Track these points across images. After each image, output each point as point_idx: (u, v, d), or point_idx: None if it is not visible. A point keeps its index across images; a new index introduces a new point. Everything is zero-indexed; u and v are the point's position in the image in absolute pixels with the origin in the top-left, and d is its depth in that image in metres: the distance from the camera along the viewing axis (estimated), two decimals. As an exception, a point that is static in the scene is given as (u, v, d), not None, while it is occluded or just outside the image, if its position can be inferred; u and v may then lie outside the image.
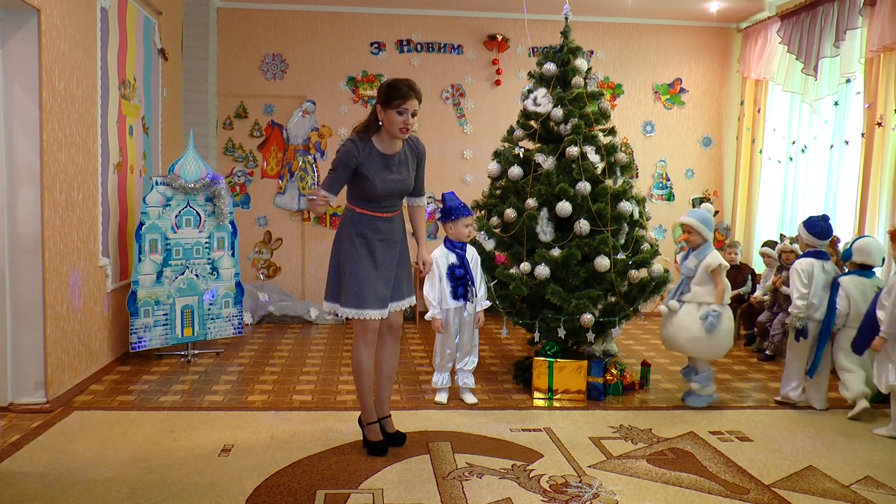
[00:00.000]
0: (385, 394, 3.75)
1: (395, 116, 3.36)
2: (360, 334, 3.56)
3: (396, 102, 3.35)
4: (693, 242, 4.53)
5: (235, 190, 7.45)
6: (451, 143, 7.68)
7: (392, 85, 3.38)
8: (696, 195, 8.02)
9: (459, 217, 4.36)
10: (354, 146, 3.41)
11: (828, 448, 3.79)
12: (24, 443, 3.65)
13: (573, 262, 4.54)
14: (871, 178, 5.61)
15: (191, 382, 4.92)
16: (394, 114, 3.36)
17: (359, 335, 3.57)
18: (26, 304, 4.16)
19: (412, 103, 3.37)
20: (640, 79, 7.88)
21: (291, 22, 7.48)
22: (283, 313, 7.15)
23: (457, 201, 4.42)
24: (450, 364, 4.54)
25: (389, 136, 3.45)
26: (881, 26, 5.40)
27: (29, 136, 4.10)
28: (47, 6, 4.12)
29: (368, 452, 3.58)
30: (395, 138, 3.46)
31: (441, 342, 4.51)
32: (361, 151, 3.40)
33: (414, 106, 3.38)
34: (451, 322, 4.46)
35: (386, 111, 3.38)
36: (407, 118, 3.37)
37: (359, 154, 3.40)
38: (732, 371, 5.49)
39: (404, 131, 3.40)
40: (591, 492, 3.19)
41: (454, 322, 4.47)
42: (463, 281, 4.39)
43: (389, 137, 3.45)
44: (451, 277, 4.39)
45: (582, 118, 4.81)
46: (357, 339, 3.58)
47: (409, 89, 3.36)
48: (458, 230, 4.38)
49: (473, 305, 4.44)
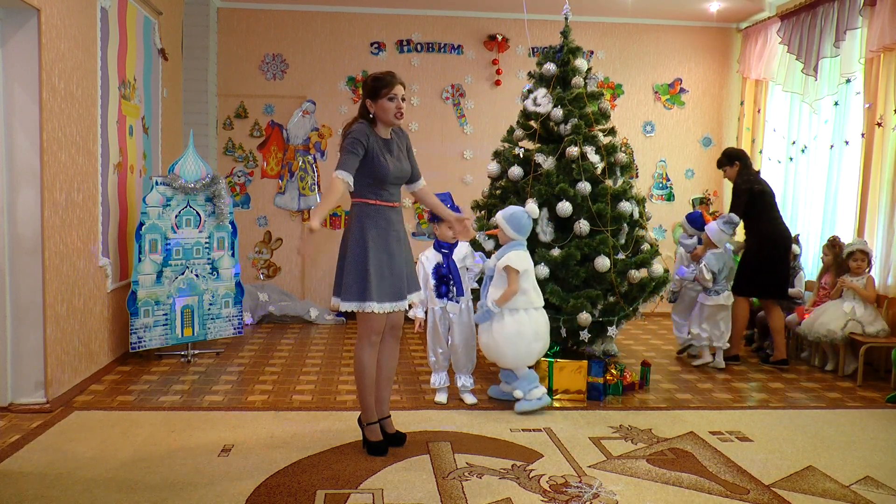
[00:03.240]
0: (385, 394, 3.75)
1: (387, 104, 3.51)
2: (365, 334, 3.56)
3: (385, 91, 3.50)
4: (501, 240, 4.38)
5: (235, 190, 7.45)
6: (451, 144, 7.68)
7: (376, 77, 3.55)
8: (696, 195, 8.02)
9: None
10: (365, 125, 3.52)
11: (828, 448, 3.79)
12: (24, 443, 3.65)
13: (572, 262, 4.54)
14: (871, 179, 5.62)
15: (191, 382, 4.92)
16: (385, 102, 3.51)
17: (363, 335, 3.56)
18: (26, 304, 4.16)
19: (399, 88, 3.53)
20: (640, 79, 7.88)
21: (291, 22, 7.49)
22: (283, 313, 7.15)
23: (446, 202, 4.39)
24: (446, 363, 4.54)
25: (384, 125, 3.58)
26: (881, 26, 5.40)
27: (29, 136, 4.10)
28: (47, 6, 4.12)
29: (368, 452, 3.58)
30: (391, 125, 3.59)
31: (433, 343, 4.51)
32: (370, 134, 3.51)
33: (401, 91, 3.54)
34: (439, 321, 4.47)
35: (377, 102, 3.52)
36: (398, 102, 3.52)
37: (370, 133, 3.50)
38: (732, 371, 5.48)
39: (399, 116, 3.55)
40: (591, 492, 3.19)
41: (442, 322, 4.47)
42: (446, 280, 4.40)
43: (384, 126, 3.58)
44: (436, 276, 4.40)
45: (582, 118, 4.82)
46: (361, 338, 3.58)
47: (393, 77, 3.54)
48: (442, 231, 4.36)
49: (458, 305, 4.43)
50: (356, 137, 3.45)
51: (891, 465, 3.58)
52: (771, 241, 5.54)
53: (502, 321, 4.26)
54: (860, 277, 5.27)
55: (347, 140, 3.46)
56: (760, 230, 5.55)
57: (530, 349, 4.28)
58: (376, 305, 3.46)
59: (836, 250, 5.56)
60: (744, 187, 5.51)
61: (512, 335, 4.23)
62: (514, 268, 4.18)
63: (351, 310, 3.49)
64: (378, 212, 3.53)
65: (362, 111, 3.57)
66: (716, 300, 5.43)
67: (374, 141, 3.50)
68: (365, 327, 3.54)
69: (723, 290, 5.45)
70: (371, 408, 3.64)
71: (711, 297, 5.44)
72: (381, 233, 3.50)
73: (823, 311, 5.38)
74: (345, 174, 3.38)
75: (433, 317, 4.48)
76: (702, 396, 4.77)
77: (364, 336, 3.56)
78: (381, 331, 3.59)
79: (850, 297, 5.29)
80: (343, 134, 3.55)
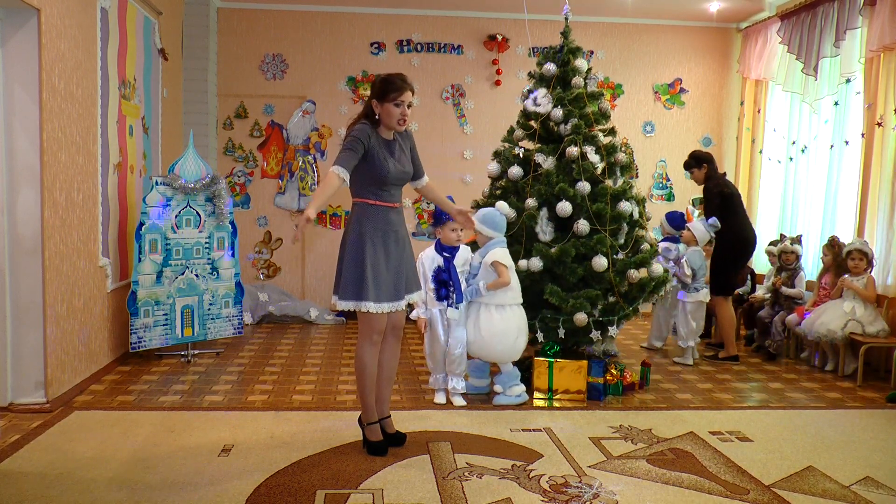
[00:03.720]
0: (385, 394, 3.75)
1: (392, 109, 3.48)
2: (367, 334, 3.56)
3: (393, 95, 3.47)
4: (480, 242, 4.54)
5: (235, 190, 7.45)
6: (451, 143, 7.68)
7: (387, 79, 3.51)
8: (696, 195, 8.02)
9: (447, 221, 4.33)
10: (367, 126, 3.50)
11: (828, 448, 3.79)
12: (24, 443, 3.65)
13: (568, 258, 4.54)
14: (871, 178, 5.62)
15: (191, 382, 4.92)
16: (391, 106, 3.48)
17: (364, 334, 3.56)
18: (26, 304, 4.16)
19: (407, 95, 3.50)
20: (640, 79, 7.88)
21: (291, 22, 7.49)
22: (283, 313, 7.15)
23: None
24: (443, 364, 4.53)
25: (386, 128, 3.56)
26: (881, 26, 5.40)
27: (29, 136, 4.10)
28: (47, 6, 4.12)
29: (368, 452, 3.58)
30: (393, 130, 3.57)
31: (431, 344, 4.52)
32: (372, 134, 3.50)
33: (409, 97, 3.51)
34: (440, 323, 4.48)
35: (383, 104, 3.49)
36: (403, 109, 3.50)
37: (371, 134, 3.48)
38: (732, 371, 5.49)
39: (402, 123, 3.52)
40: (591, 492, 3.19)
41: (442, 323, 4.48)
42: (446, 284, 4.40)
43: (386, 129, 3.57)
44: (436, 280, 4.41)
45: (582, 118, 4.81)
46: (363, 338, 3.58)
47: (404, 82, 3.50)
48: (446, 234, 4.38)
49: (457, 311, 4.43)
50: (357, 136, 3.44)
51: (891, 465, 3.58)
52: (743, 243, 5.76)
53: (491, 318, 4.39)
54: (860, 277, 5.27)
55: (349, 138, 3.46)
56: (733, 232, 5.69)
57: (516, 344, 4.45)
58: (373, 305, 3.46)
59: (835, 250, 5.56)
60: (715, 191, 5.72)
61: (500, 331, 4.39)
62: (503, 263, 4.35)
63: (348, 309, 3.49)
64: (378, 212, 3.52)
65: (367, 110, 3.56)
66: (695, 297, 5.63)
67: (375, 142, 3.49)
68: (366, 327, 3.54)
69: (701, 288, 5.66)
70: (371, 408, 3.64)
71: (691, 294, 5.64)
72: (381, 233, 3.50)
73: (824, 311, 5.38)
74: (340, 169, 3.37)
75: (432, 317, 4.49)
76: (702, 396, 4.77)
77: (365, 335, 3.56)
78: (382, 330, 3.59)
79: (851, 296, 5.29)
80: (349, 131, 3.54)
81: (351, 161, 3.41)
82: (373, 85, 3.56)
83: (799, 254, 5.99)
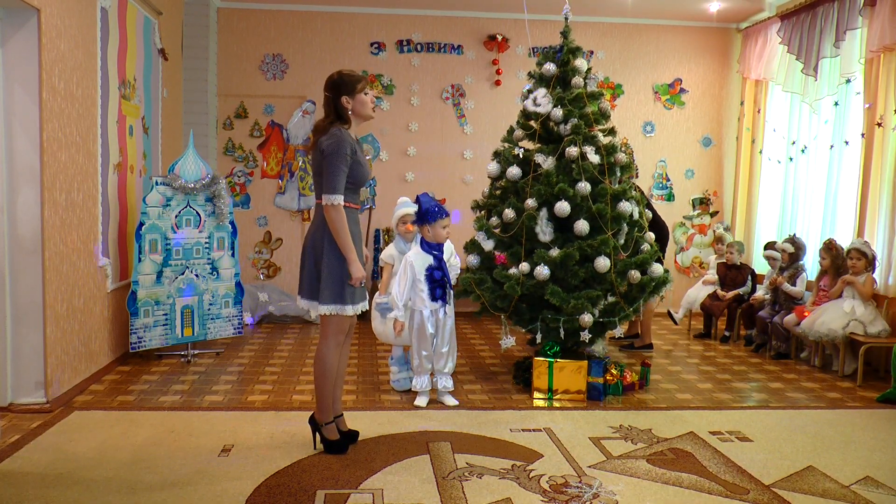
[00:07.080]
0: (339, 392, 3.77)
1: (364, 98, 3.55)
2: (334, 336, 3.58)
3: (360, 86, 3.54)
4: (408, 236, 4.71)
5: (235, 190, 7.45)
6: (451, 144, 7.68)
7: (347, 74, 3.57)
8: (696, 195, 8.02)
9: (437, 219, 4.30)
10: (345, 132, 3.49)
11: (828, 448, 3.79)
12: (24, 443, 3.65)
13: (571, 262, 4.54)
14: (871, 179, 5.62)
15: (191, 382, 4.92)
16: (362, 96, 3.55)
17: (332, 335, 3.58)
18: (26, 304, 4.16)
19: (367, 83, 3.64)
20: (640, 79, 7.88)
21: (291, 22, 7.49)
22: (283, 313, 7.15)
23: (433, 203, 4.35)
24: (429, 366, 4.48)
25: (360, 120, 3.62)
26: (881, 26, 5.40)
27: (29, 136, 4.10)
28: (47, 6, 4.12)
29: (327, 451, 3.58)
30: (368, 119, 3.65)
31: (418, 345, 4.45)
32: (349, 139, 3.50)
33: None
34: (427, 323, 4.43)
35: (355, 97, 3.53)
36: (372, 96, 3.61)
37: (350, 140, 3.49)
38: (732, 371, 5.49)
39: (374, 109, 3.66)
40: (591, 492, 3.19)
41: (431, 324, 4.44)
42: (441, 283, 4.38)
43: (361, 121, 3.63)
44: (430, 280, 4.36)
45: (582, 118, 4.81)
46: (329, 339, 3.58)
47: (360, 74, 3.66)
48: (437, 232, 4.33)
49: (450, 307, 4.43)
50: (342, 150, 3.40)
51: (891, 465, 3.58)
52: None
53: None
54: (859, 277, 5.28)
55: (333, 155, 3.39)
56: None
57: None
58: (350, 308, 3.52)
59: (832, 253, 5.56)
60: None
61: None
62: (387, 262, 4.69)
63: (329, 313, 3.50)
64: (350, 214, 3.53)
65: (338, 111, 3.50)
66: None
67: (356, 146, 3.52)
68: (335, 328, 3.57)
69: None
70: (329, 408, 3.65)
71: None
72: (353, 237, 3.50)
73: (824, 311, 5.38)
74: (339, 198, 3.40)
75: (419, 319, 4.42)
76: (702, 396, 4.77)
77: (332, 336, 3.58)
78: (347, 331, 3.63)
79: (850, 296, 5.29)
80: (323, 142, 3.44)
81: (342, 183, 3.42)
82: (335, 84, 3.51)
83: (790, 251, 5.98)
